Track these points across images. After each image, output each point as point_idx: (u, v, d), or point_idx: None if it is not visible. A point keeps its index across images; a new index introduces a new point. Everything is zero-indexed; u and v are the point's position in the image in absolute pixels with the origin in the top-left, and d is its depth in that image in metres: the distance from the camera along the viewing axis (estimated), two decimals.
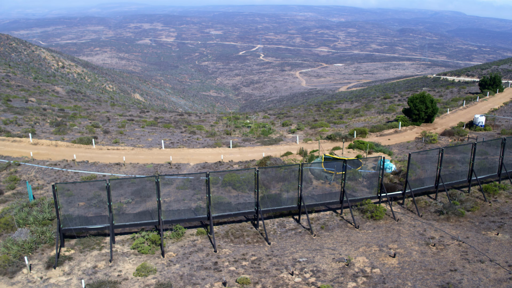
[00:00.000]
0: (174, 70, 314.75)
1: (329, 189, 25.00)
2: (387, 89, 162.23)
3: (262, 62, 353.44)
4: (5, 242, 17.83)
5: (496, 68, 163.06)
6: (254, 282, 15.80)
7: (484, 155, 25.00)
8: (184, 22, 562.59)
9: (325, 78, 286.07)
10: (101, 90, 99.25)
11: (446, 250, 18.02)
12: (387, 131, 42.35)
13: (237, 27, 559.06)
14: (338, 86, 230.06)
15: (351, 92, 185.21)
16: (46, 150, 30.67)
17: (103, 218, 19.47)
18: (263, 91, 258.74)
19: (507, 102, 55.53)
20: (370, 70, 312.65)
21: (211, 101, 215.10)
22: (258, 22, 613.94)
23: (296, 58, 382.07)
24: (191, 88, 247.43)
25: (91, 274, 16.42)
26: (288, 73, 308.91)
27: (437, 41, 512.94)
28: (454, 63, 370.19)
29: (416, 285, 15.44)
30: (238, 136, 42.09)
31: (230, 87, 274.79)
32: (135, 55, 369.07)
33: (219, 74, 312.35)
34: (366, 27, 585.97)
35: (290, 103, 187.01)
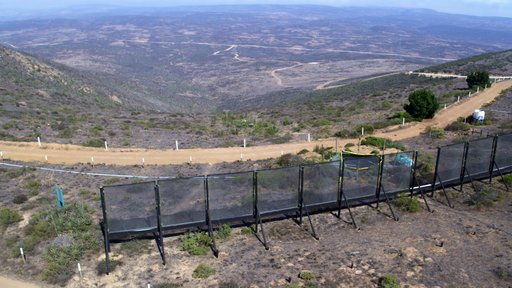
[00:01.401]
0: (149, 72, 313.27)
1: (356, 184, 25.83)
2: (366, 87, 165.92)
3: (237, 62, 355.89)
4: (49, 249, 17.67)
5: (472, 64, 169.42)
6: (316, 276, 16.34)
7: (503, 148, 26.41)
8: (157, 23, 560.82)
9: (301, 76, 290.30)
10: (80, 93, 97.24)
11: (486, 237, 19.10)
12: (392, 127, 43.72)
13: (210, 27, 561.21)
14: (315, 85, 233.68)
15: (329, 90, 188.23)
16: (57, 154, 30.19)
17: (146, 220, 19.54)
18: (240, 90, 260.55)
19: (498, 96, 58.26)
20: (345, 68, 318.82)
21: (188, 102, 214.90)
22: (231, 22, 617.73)
23: (270, 57, 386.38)
24: (167, 89, 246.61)
25: (148, 278, 16.53)
26: (264, 72, 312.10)
27: (409, 38, 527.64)
28: (427, 60, 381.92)
29: (469, 271, 16.36)
30: (245, 135, 42.50)
31: (206, 87, 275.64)
32: (108, 57, 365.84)
33: (194, 75, 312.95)
34: (339, 26, 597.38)
35: (268, 102, 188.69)
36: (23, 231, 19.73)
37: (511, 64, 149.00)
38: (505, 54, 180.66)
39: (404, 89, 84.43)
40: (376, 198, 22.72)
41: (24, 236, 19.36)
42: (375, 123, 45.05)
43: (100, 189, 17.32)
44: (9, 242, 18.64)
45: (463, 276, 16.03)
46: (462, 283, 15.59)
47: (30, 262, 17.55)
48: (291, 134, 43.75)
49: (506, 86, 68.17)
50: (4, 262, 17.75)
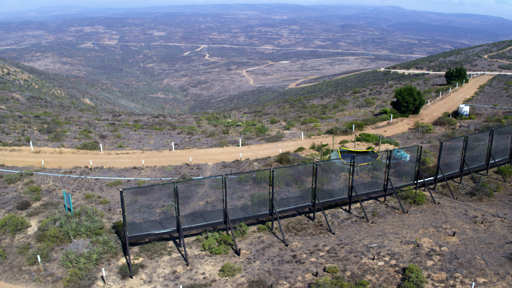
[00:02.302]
0: (119, 73, 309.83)
1: (360, 180, 26.67)
2: (339, 84, 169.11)
3: (208, 62, 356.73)
4: (67, 255, 17.53)
5: (443, 60, 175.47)
6: (341, 270, 16.94)
7: (499, 141, 27.90)
8: (126, 24, 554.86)
9: (272, 75, 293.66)
10: (53, 96, 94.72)
11: (493, 226, 20.26)
12: (381, 123, 45.08)
13: (180, 27, 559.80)
14: (287, 83, 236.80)
15: (303, 88, 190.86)
16: (52, 158, 29.60)
17: (159, 222, 19.63)
18: (212, 91, 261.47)
19: (477, 91, 60.95)
20: (316, 66, 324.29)
21: (160, 103, 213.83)
22: (201, 22, 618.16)
23: (241, 57, 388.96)
24: (138, 90, 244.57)
25: (174, 280, 16.68)
26: (235, 72, 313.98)
27: (378, 35, 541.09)
28: (397, 57, 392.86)
29: (484, 258, 17.37)
30: (236, 135, 42.82)
31: (178, 88, 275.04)
32: (78, 59, 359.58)
33: (166, 76, 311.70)
34: (309, 24, 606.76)
35: (241, 102, 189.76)
36: (34, 238, 19.42)
37: (481, 59, 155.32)
38: (475, 50, 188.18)
39: (383, 86, 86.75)
40: (384, 192, 23.61)
41: (36, 243, 19.07)
42: (364, 120, 46.31)
43: (120, 191, 17.31)
44: (21, 250, 18.33)
45: (479, 263, 17.00)
46: (479, 269, 16.55)
47: (47, 270, 17.34)
48: (282, 132, 44.39)
49: (483, 82, 71.34)
50: (19, 270, 17.47)
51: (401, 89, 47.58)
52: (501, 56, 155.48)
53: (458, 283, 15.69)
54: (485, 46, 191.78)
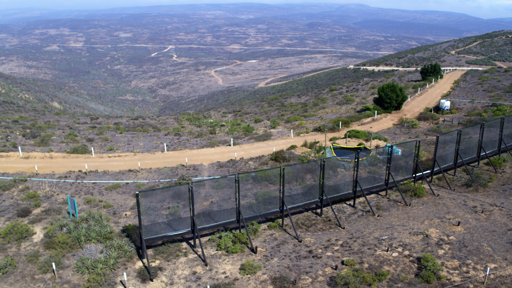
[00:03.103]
0: (86, 76, 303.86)
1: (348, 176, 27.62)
2: (309, 82, 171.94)
3: (175, 63, 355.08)
4: (82, 261, 17.42)
5: (412, 57, 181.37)
6: (358, 262, 17.69)
7: (486, 134, 29.50)
8: (92, 26, 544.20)
9: (241, 75, 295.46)
10: (23, 101, 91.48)
11: (493, 215, 21.57)
12: (365, 120, 46.47)
13: (146, 28, 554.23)
14: (256, 82, 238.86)
15: (273, 87, 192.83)
16: (43, 163, 28.94)
17: (168, 224, 19.75)
18: (181, 91, 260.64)
19: (453, 87, 63.65)
20: (284, 65, 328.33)
21: (129, 105, 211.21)
22: (167, 23, 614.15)
23: (209, 57, 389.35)
24: (107, 93, 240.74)
25: (196, 280, 16.91)
26: (204, 72, 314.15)
27: (345, 33, 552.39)
28: (364, 54, 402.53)
29: (491, 245, 18.54)
30: (223, 135, 43.08)
31: (146, 89, 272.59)
32: (44, 63, 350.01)
33: (134, 77, 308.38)
34: (276, 23, 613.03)
35: (211, 102, 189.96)
36: (41, 246, 19.14)
37: (448, 55, 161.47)
38: (442, 46, 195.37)
39: (359, 83, 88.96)
40: (385, 186, 24.62)
41: (44, 250, 18.80)
42: (349, 117, 47.58)
43: (136, 194, 17.39)
44: (31, 258, 18.05)
45: (487, 249, 18.13)
46: (488, 255, 17.66)
47: (62, 277, 17.18)
48: (269, 131, 45.01)
49: (456, 77, 74.50)
50: (32, 279, 17.22)
51: (383, 85, 49.16)
52: (468, 52, 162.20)
53: (471, 269, 16.71)
54: (452, 42, 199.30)
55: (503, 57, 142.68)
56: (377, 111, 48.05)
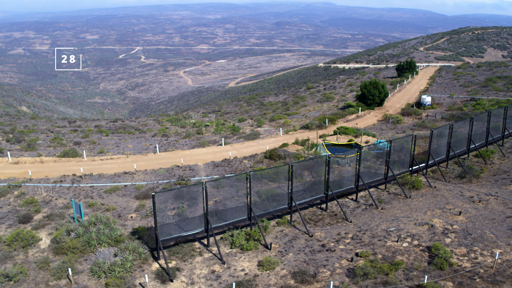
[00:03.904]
0: (53, 79, 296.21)
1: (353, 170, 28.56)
2: (281, 81, 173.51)
3: (144, 64, 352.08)
4: (98, 265, 17.39)
5: (382, 54, 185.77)
6: (372, 253, 18.47)
7: (477, 127, 31.07)
8: (58, 29, 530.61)
9: (210, 75, 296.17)
10: None
11: (490, 204, 22.88)
12: (350, 116, 47.74)
13: (113, 30, 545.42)
14: (226, 82, 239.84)
15: (244, 86, 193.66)
16: (34, 168, 28.35)
17: (180, 224, 19.96)
18: (150, 93, 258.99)
19: (430, 82, 66.14)
20: (253, 64, 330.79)
21: (99, 108, 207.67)
22: (134, 24, 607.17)
23: (177, 57, 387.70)
24: (75, 96, 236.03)
25: (216, 279, 17.21)
26: (172, 73, 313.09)
27: (312, 31, 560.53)
28: (332, 52, 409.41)
29: (493, 232, 19.74)
30: (210, 135, 43.26)
31: (115, 92, 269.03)
32: (9, 66, 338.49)
33: (102, 80, 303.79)
34: (243, 22, 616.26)
35: (182, 103, 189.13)
36: (50, 252, 18.94)
37: (417, 52, 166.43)
38: (410, 43, 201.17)
39: (335, 80, 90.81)
40: (385, 180, 25.63)
41: (54, 256, 18.63)
42: (333, 114, 48.74)
43: (152, 195, 17.57)
44: (42, 265, 17.86)
45: (490, 236, 19.30)
46: (492, 242, 18.82)
47: (78, 282, 17.10)
48: (256, 130, 45.54)
49: (431, 73, 77.31)
50: (47, 286, 17.05)
51: (366, 83, 50.64)
52: (436, 48, 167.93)
53: (478, 255, 17.79)
54: (420, 39, 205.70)
55: (470, 52, 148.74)
56: (362, 107, 49.43)
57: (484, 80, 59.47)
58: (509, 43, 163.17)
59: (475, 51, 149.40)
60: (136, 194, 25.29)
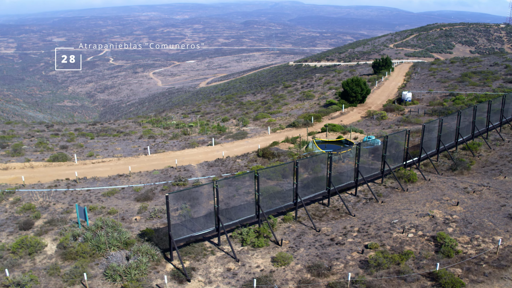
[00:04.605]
0: (20, 83, 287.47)
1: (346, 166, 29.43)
2: (253, 80, 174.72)
3: (112, 66, 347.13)
4: (113, 268, 17.37)
5: (353, 51, 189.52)
6: (380, 245, 19.25)
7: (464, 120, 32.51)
8: (23, 31, 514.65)
9: (180, 76, 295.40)
10: None
11: (484, 194, 24.14)
12: (334, 114, 48.82)
13: (80, 32, 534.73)
14: (197, 83, 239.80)
15: (216, 86, 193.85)
16: (25, 173, 27.74)
17: (186, 224, 20.11)
18: (120, 95, 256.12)
19: (406, 79, 68.29)
20: (223, 64, 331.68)
21: (68, 111, 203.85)
22: (101, 26, 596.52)
23: (146, 59, 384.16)
24: (44, 100, 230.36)
25: (233, 276, 17.52)
26: (142, 74, 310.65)
27: (281, 30, 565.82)
28: (300, 50, 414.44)
29: (491, 220, 20.90)
30: (196, 135, 43.34)
31: (84, 95, 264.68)
32: None
33: (70, 83, 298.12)
34: (211, 22, 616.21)
35: (153, 105, 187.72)
36: (58, 257, 18.76)
37: (387, 49, 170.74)
38: (380, 40, 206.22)
39: (312, 79, 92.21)
40: (381, 174, 26.58)
41: (63, 262, 18.48)
42: (317, 112, 49.71)
43: (166, 196, 17.72)
44: (52, 271, 17.68)
45: (489, 224, 20.45)
46: (492, 229, 19.95)
47: (93, 287, 17.09)
48: (242, 129, 45.93)
49: (406, 69, 79.78)
50: None
51: (348, 80, 51.88)
52: (406, 45, 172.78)
53: (481, 242, 18.85)
54: (389, 36, 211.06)
55: (439, 49, 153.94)
56: (345, 104, 50.62)
57: (460, 75, 62.00)
58: (476, 39, 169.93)
59: (443, 47, 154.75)
60: (136, 196, 25.25)
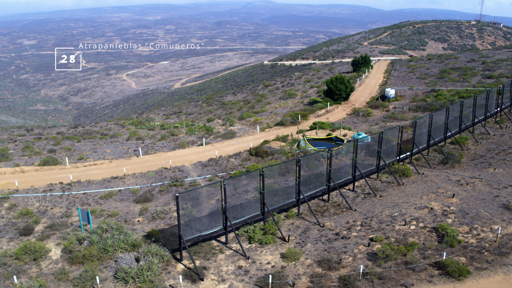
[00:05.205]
0: None
1: (341, 162, 30.08)
2: (228, 80, 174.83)
3: (85, 69, 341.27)
4: (124, 271, 17.35)
5: (327, 50, 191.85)
6: (385, 237, 19.89)
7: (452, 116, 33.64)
8: None
9: (154, 77, 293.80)
10: None
11: (477, 186, 25.15)
12: (320, 111, 49.58)
13: (51, 34, 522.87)
14: (171, 84, 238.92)
15: (191, 87, 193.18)
16: (17, 178, 27.10)
17: (191, 223, 20.21)
18: (94, 98, 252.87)
19: (386, 76, 69.90)
20: (197, 65, 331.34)
21: (42, 115, 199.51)
22: (73, 28, 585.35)
23: (119, 60, 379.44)
24: (16, 104, 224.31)
25: (246, 273, 17.78)
26: (115, 76, 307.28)
27: (253, 30, 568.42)
28: (274, 49, 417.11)
29: (487, 210, 21.85)
30: (183, 136, 43.28)
31: (57, 98, 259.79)
32: None
33: (42, 86, 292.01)
34: (184, 23, 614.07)
35: (128, 107, 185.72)
36: (65, 262, 18.58)
37: (362, 46, 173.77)
38: (354, 38, 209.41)
39: (291, 77, 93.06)
40: (377, 169, 27.32)
41: (70, 266, 18.32)
42: (303, 110, 50.39)
43: (176, 196, 17.85)
44: (60, 276, 17.52)
45: (485, 214, 21.39)
46: (489, 219, 20.87)
47: None
48: (229, 129, 46.13)
49: (384, 67, 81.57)
50: None
51: (332, 78, 52.79)
52: (380, 42, 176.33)
53: (480, 232, 19.73)
54: (363, 34, 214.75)
55: (413, 46, 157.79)
56: (330, 102, 51.48)
57: (439, 72, 63.96)
58: (449, 35, 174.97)
59: (417, 44, 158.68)
60: (134, 198, 25.17)
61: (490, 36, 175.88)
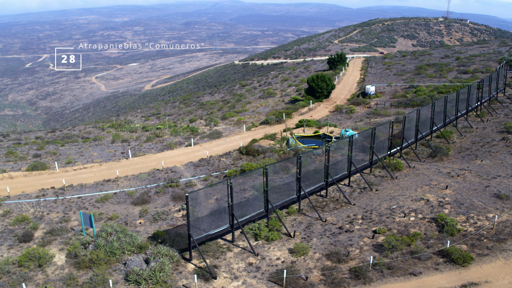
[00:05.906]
0: None
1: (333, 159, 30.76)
2: (200, 81, 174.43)
3: (53, 72, 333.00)
4: (136, 273, 17.31)
5: (298, 48, 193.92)
6: (388, 229, 20.58)
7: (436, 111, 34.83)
8: None
9: (124, 79, 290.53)
10: None
11: (467, 177, 26.25)
12: (303, 110, 50.30)
13: (17, 38, 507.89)
14: (142, 85, 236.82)
15: (163, 88, 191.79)
16: (6, 184, 26.27)
17: (195, 223, 20.34)
18: (63, 101, 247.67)
19: (363, 73, 71.47)
20: (166, 66, 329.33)
21: (10, 120, 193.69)
22: (39, 31, 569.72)
23: (87, 63, 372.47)
24: None
25: (257, 270, 18.09)
26: (84, 79, 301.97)
27: (222, 30, 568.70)
28: (243, 49, 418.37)
29: (480, 200, 22.92)
30: (168, 137, 43.07)
31: (26, 102, 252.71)
32: None
33: (9, 91, 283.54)
34: (152, 24, 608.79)
35: (99, 110, 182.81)
36: (71, 267, 18.37)
37: (333, 44, 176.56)
38: (324, 36, 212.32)
39: (268, 76, 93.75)
40: (370, 164, 28.10)
41: (77, 271, 18.13)
42: (286, 108, 50.99)
43: (186, 196, 17.99)
44: (69, 282, 17.31)
45: (479, 204, 22.44)
46: (483, 208, 21.92)
47: None
48: (214, 129, 46.21)
49: (359, 64, 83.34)
50: None
51: (313, 76, 53.63)
52: (350, 40, 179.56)
53: (477, 220, 20.72)
54: (333, 32, 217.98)
55: (383, 43, 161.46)
56: (307, 101, 52.28)
57: (415, 68, 65.97)
58: (417, 32, 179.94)
59: (387, 42, 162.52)
60: (132, 200, 25.04)
61: (458, 32, 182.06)
